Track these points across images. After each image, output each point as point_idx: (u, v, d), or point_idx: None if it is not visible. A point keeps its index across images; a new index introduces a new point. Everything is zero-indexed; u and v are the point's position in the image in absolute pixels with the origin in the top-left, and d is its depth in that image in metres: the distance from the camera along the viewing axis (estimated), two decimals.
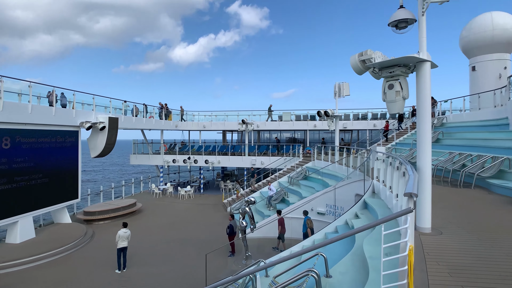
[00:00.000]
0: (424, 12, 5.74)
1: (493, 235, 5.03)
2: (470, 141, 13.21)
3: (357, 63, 6.96)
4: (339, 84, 18.04)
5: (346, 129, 27.79)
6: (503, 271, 3.73)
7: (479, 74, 20.64)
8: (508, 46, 19.98)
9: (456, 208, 6.96)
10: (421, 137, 5.62)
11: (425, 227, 5.29)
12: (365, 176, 10.71)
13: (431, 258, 4.18)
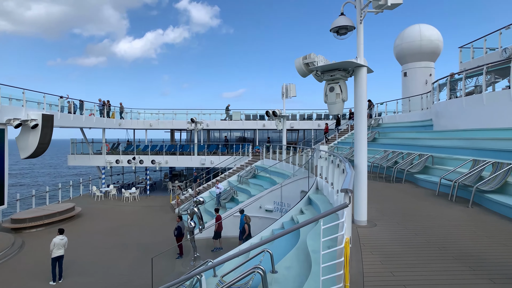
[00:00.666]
0: (361, 21, 6.14)
1: (418, 224, 5.63)
2: (402, 140, 14.58)
3: (301, 66, 7.24)
4: (287, 85, 18.61)
5: (293, 128, 28.78)
6: (425, 256, 4.20)
7: (409, 80, 22.72)
8: (433, 55, 22.34)
9: (389, 201, 7.63)
10: (358, 136, 6.05)
11: (362, 220, 5.71)
12: (310, 173, 11.22)
13: (366, 249, 4.53)
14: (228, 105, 28.29)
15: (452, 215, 6.19)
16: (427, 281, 3.51)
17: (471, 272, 3.69)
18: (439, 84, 14.47)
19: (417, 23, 22.63)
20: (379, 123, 20.71)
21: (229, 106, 28.21)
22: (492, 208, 6.43)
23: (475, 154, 9.06)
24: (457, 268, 3.82)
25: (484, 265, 3.87)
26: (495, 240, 4.70)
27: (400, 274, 3.71)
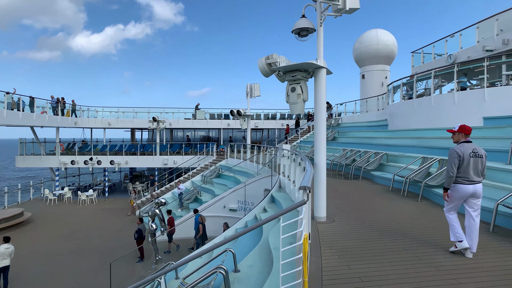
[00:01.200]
0: (321, 23, 6.32)
1: (373, 218, 5.95)
2: (360, 139, 15.30)
3: (264, 66, 7.30)
4: (251, 85, 18.72)
5: (258, 128, 29.00)
6: (379, 249, 4.44)
7: (367, 82, 23.87)
8: (388, 59, 23.65)
9: (347, 197, 7.98)
10: (317, 135, 6.24)
11: (321, 216, 5.91)
12: (273, 172, 11.38)
13: (325, 244, 4.70)
14: (197, 104, 27.83)
15: (404, 209, 6.62)
16: (380, 272, 3.71)
17: (419, 261, 3.97)
18: (393, 86, 15.38)
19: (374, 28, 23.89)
20: (339, 123, 21.54)
21: (198, 105, 27.76)
22: (438, 201, 6.98)
23: (424, 152, 9.76)
24: (407, 258, 4.09)
25: (430, 254, 4.18)
26: (440, 231, 5.10)
27: (356, 267, 3.89)
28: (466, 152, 4.07)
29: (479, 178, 4.10)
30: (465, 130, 4.23)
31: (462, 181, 4.08)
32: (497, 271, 3.67)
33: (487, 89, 10.00)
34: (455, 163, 4.08)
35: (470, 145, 4.14)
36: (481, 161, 4.09)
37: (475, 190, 4.06)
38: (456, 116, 10.70)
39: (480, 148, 4.18)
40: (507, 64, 11.00)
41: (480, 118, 9.83)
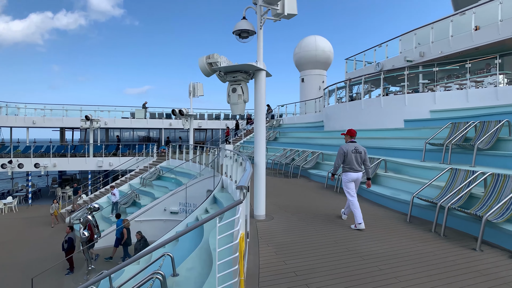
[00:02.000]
0: (261, 26, 6.46)
1: (309, 214, 6.28)
2: (299, 139, 16.03)
3: (204, 66, 7.23)
4: (194, 84, 18.35)
5: (201, 128, 28.59)
6: (313, 243, 4.70)
7: (306, 85, 25.06)
8: (325, 64, 25.10)
9: (286, 195, 8.28)
10: (257, 136, 6.38)
11: (261, 215, 6.05)
12: (216, 172, 11.33)
13: (263, 241, 4.82)
14: (145, 102, 26.32)
15: (336, 204, 7.10)
16: (313, 265, 3.93)
17: (348, 253, 4.30)
18: (329, 90, 16.42)
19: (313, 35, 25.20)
20: (280, 124, 22.29)
21: (146, 104, 26.28)
22: (366, 196, 7.65)
23: None
24: (337, 251, 4.40)
25: (357, 246, 4.55)
26: (366, 223, 5.57)
27: (292, 262, 4.06)
28: (349, 149, 5.54)
29: (360, 168, 5.57)
30: (350, 133, 5.77)
31: (348, 170, 5.56)
32: (412, 255, 4.14)
33: (407, 95, 11.23)
34: (340, 157, 5.63)
35: (353, 144, 5.61)
36: (360, 156, 5.56)
37: (357, 176, 5.56)
38: (382, 118, 11.83)
39: (361, 146, 5.65)
40: (423, 74, 12.48)
41: (402, 120, 11.00)
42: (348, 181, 5.57)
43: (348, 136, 5.75)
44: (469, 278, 3.50)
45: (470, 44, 12.00)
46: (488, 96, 9.63)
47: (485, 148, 6.63)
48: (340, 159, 5.63)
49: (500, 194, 4.66)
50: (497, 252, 4.21)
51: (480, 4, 12.15)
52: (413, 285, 3.38)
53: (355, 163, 5.50)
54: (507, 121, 6.76)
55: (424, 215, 5.78)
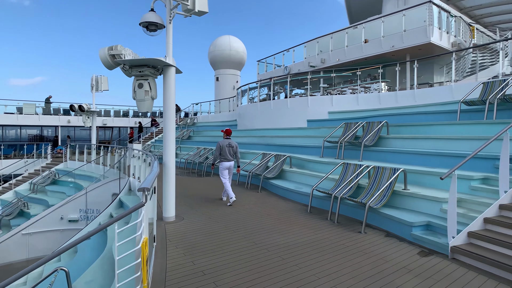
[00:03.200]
0: (171, 20, 6.22)
1: (219, 212, 6.34)
2: (213, 138, 16.03)
3: (106, 57, 6.65)
4: (97, 77, 16.60)
5: (106, 126, 26.15)
6: (222, 240, 4.76)
7: (221, 84, 25.22)
8: (239, 65, 25.66)
9: (198, 194, 8.20)
10: (166, 134, 6.14)
11: (170, 216, 5.86)
12: (122, 174, 10.51)
13: (172, 244, 4.68)
14: (49, 97, 22.43)
15: (246, 200, 7.35)
16: (222, 262, 3.98)
17: (254, 246, 4.49)
18: (241, 90, 16.86)
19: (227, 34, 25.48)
20: (194, 122, 21.95)
21: (50, 98, 22.41)
22: (274, 191, 8.13)
23: (264, 149, 11.14)
24: (245, 245, 4.56)
25: (263, 239, 4.79)
26: (272, 217, 5.93)
27: (200, 262, 4.03)
28: (224, 144, 7.24)
29: (232, 158, 7.25)
30: (227, 132, 7.51)
31: (223, 160, 7.20)
32: (310, 243, 4.56)
33: (310, 97, 12.32)
34: (217, 150, 7.26)
35: (227, 140, 7.32)
36: (232, 149, 7.27)
37: (230, 165, 7.23)
38: (289, 118, 12.71)
39: (233, 142, 7.38)
40: (324, 78, 13.85)
41: (305, 120, 12.02)
42: (223, 169, 7.19)
43: (225, 134, 7.47)
44: (355, 257, 4.04)
45: (360, 55, 13.82)
46: (373, 100, 11.26)
47: (370, 145, 7.75)
48: (217, 151, 7.26)
49: (379, 184, 5.51)
50: (377, 232, 4.96)
51: (368, 21, 14.09)
52: (311, 269, 3.73)
53: (228, 155, 7.19)
54: (386, 122, 8.03)
55: (322, 205, 6.44)
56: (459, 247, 3.90)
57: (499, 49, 11.68)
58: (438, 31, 11.90)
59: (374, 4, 17.81)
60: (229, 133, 7.50)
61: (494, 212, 4.21)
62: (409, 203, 5.23)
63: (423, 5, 11.94)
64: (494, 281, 3.36)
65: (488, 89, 7.52)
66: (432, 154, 6.33)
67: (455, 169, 4.01)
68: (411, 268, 3.70)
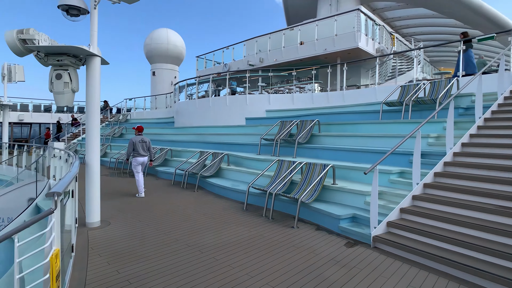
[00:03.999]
0: (96, 6, 5.64)
1: (152, 215, 5.98)
2: (148, 136, 15.10)
3: (15, 42, 5.79)
4: (9, 65, 14.48)
5: (23, 122, 23.10)
6: (153, 245, 4.47)
7: (158, 79, 24.09)
8: (177, 60, 24.78)
9: (128, 196, 7.64)
10: (90, 132, 5.58)
11: (94, 222, 5.33)
12: (41, 176, 9.33)
13: (95, 252, 4.24)
14: None
15: (182, 200, 7.08)
16: (151, 268, 3.72)
17: (187, 249, 4.30)
18: (179, 86, 16.28)
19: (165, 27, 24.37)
20: (127, 119, 20.60)
21: None
22: (211, 190, 7.97)
23: (202, 147, 10.90)
24: (177, 248, 4.34)
25: (197, 240, 4.63)
26: (208, 216, 5.79)
27: (127, 270, 3.72)
28: (137, 140, 7.57)
29: (145, 153, 7.67)
30: (138, 129, 7.86)
31: (136, 155, 7.56)
32: (245, 241, 4.54)
33: (248, 96, 12.40)
34: (130, 146, 7.58)
35: (140, 136, 7.67)
36: (146, 145, 7.70)
37: (143, 160, 7.64)
38: (227, 115, 12.63)
39: (146, 138, 7.76)
40: (262, 77, 14.06)
41: (243, 118, 12.07)
42: (137, 164, 7.58)
43: (137, 131, 7.83)
44: (288, 252, 4.12)
45: (296, 56, 14.35)
46: (307, 100, 11.77)
47: (303, 142, 8.07)
48: (130, 147, 7.59)
49: (311, 179, 5.73)
50: (308, 226, 5.15)
51: (304, 23, 14.69)
52: (244, 268, 3.69)
53: (141, 150, 7.59)
54: (318, 121, 8.44)
55: (258, 202, 6.50)
56: (379, 236, 4.23)
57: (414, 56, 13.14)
58: (365, 37, 12.91)
59: (310, 8, 18.68)
60: (140, 129, 7.86)
61: (408, 202, 4.67)
62: (337, 197, 5.55)
63: (353, 12, 12.84)
64: (407, 265, 3.71)
65: (405, 92, 8.38)
66: (358, 151, 6.82)
67: (377, 164, 4.33)
68: (338, 259, 3.89)
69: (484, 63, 11.23)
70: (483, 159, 4.97)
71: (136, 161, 7.57)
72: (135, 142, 7.55)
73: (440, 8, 16.51)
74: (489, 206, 4.00)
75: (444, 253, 3.64)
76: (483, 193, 4.22)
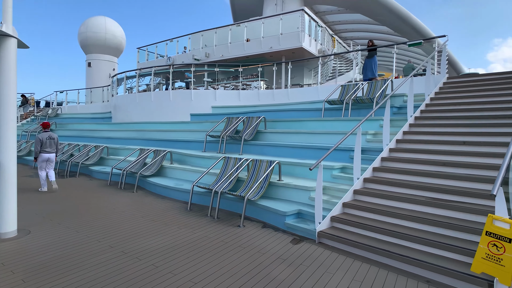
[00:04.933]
0: None
1: (83, 220, 5.35)
2: (82, 132, 13.84)
3: None
4: None
5: None
6: (83, 254, 3.95)
7: (94, 71, 22.22)
8: (116, 51, 23.10)
9: (55, 200, 6.78)
10: (4, 127, 4.76)
11: (9, 231, 4.57)
12: None
13: (7, 269, 3.60)
14: None
15: (119, 202, 6.48)
16: (78, 283, 3.26)
17: (123, 256, 3.88)
18: (117, 78, 15.09)
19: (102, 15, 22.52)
20: (58, 113, 18.58)
21: None
22: (152, 190, 7.46)
23: (143, 144, 10.21)
24: (112, 256, 3.89)
25: (134, 246, 4.22)
26: (148, 219, 5.36)
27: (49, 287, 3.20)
28: (44, 137, 7.44)
29: (53, 150, 7.57)
30: (44, 126, 7.75)
31: (43, 152, 7.42)
32: (188, 244, 4.25)
33: (194, 91, 11.95)
34: (38, 144, 7.40)
35: (47, 133, 7.53)
36: (54, 141, 7.58)
37: (48, 156, 7.49)
38: (171, 111, 12.04)
39: (54, 134, 7.65)
40: (208, 73, 13.69)
41: (188, 114, 11.61)
42: (42, 160, 7.49)
43: (43, 127, 7.75)
44: (234, 253, 3.95)
45: (243, 53, 14.24)
46: (253, 97, 11.74)
47: (249, 139, 7.98)
48: (38, 145, 7.42)
49: (257, 176, 5.65)
50: (254, 225, 5.05)
51: (251, 20, 14.62)
52: (187, 274, 3.42)
53: (49, 147, 7.51)
54: (264, 117, 8.42)
55: (203, 201, 6.23)
56: (324, 231, 4.29)
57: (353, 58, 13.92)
58: (308, 38, 13.30)
59: (256, 6, 18.71)
60: (46, 125, 7.81)
61: (350, 197, 4.83)
62: (283, 193, 5.54)
63: (297, 12, 13.12)
64: (350, 259, 3.80)
65: (345, 91, 8.77)
66: (302, 147, 6.93)
67: (321, 160, 4.38)
68: (285, 257, 3.84)
69: (412, 67, 12.33)
70: (415, 154, 5.36)
71: (42, 158, 7.47)
72: (42, 139, 7.41)
73: (375, 16, 17.81)
74: (422, 198, 4.30)
75: (384, 245, 3.80)
76: (417, 186, 4.52)
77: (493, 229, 2.80)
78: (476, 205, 3.90)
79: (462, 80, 7.67)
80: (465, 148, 5.07)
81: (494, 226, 2.79)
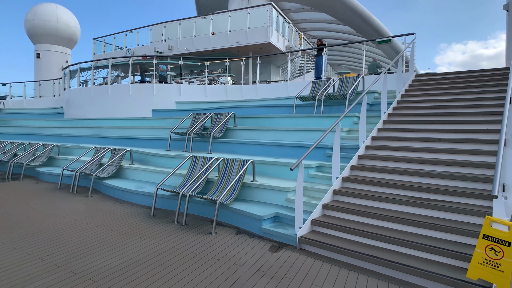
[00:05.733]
0: None
1: (23, 232, 4.53)
2: (27, 129, 12.41)
3: None
4: None
5: None
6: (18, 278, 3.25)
7: (44, 63, 20.41)
8: (70, 42, 21.34)
9: None
10: None
11: None
12: None
13: None
14: None
15: (70, 209, 5.68)
16: None
17: (73, 278, 3.24)
18: (70, 70, 13.75)
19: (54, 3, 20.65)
20: (1, 108, 16.64)
21: None
22: (110, 194, 6.69)
23: (99, 142, 9.28)
24: (59, 278, 3.23)
25: (87, 264, 3.57)
26: (105, 228, 4.69)
27: None
28: None
29: None
30: None
31: None
32: (153, 258, 3.70)
33: (156, 85, 11.15)
34: None
35: None
36: None
37: None
38: (131, 106, 11.14)
39: None
40: (171, 66, 12.90)
41: (150, 110, 10.80)
42: None
43: None
44: (207, 267, 3.47)
45: (208, 46, 13.63)
46: (220, 92, 11.22)
47: (218, 136, 7.48)
48: None
49: (229, 177, 5.19)
50: (228, 231, 4.59)
51: (217, 13, 14.02)
52: None
53: None
54: (233, 113, 7.95)
55: (169, 206, 5.64)
56: (305, 236, 3.95)
57: None
58: (276, 33, 13.01)
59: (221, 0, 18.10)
60: None
61: (329, 198, 4.55)
62: (258, 195, 5.14)
63: (265, 7, 12.77)
64: (336, 267, 3.49)
65: (316, 87, 8.57)
66: (274, 145, 6.58)
67: (302, 159, 4.03)
68: (265, 269, 3.43)
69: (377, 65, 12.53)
70: (392, 151, 5.22)
71: None
72: None
73: (338, 15, 18.02)
74: (405, 198, 4.12)
75: (370, 250, 3.54)
76: (398, 185, 4.35)
77: (491, 232, 2.61)
78: (463, 204, 3.78)
79: (429, 78, 7.78)
80: (441, 145, 5.02)
81: (492, 228, 2.61)
